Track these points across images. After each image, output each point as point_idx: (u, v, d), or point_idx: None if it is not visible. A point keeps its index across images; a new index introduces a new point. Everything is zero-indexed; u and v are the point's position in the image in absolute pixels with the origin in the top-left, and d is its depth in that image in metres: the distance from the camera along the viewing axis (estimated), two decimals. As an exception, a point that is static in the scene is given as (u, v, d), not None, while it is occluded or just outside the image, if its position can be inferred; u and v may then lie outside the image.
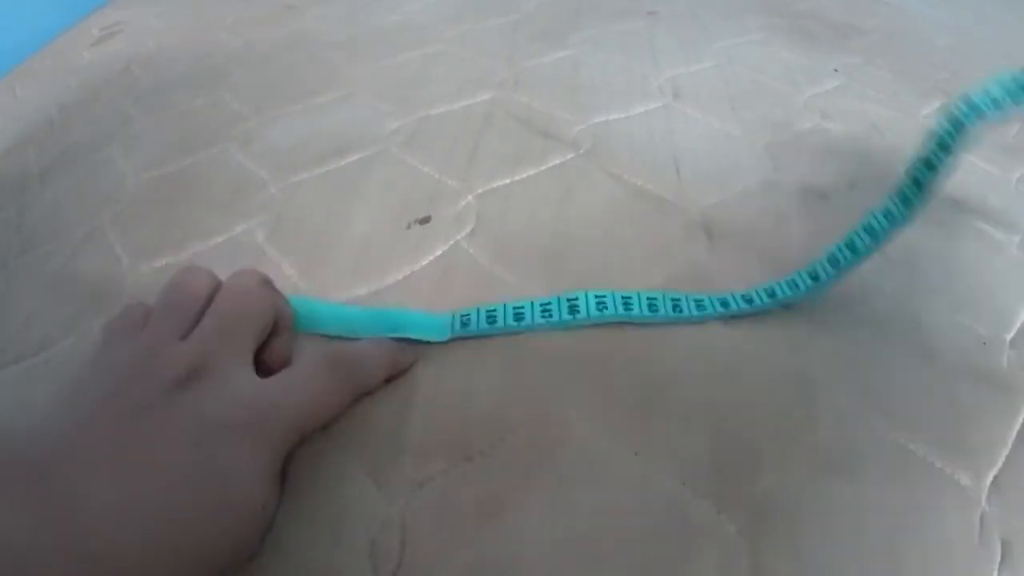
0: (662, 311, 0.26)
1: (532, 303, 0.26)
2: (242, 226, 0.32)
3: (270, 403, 0.20)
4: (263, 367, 0.21)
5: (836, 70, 0.46)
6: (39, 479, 0.16)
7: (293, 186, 0.34)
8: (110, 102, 0.44)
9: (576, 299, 0.26)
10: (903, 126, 0.40)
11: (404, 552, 0.19)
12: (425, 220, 0.31)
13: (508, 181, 0.33)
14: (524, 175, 0.34)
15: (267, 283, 0.23)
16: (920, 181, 0.23)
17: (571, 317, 0.25)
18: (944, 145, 0.23)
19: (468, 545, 0.19)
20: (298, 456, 0.21)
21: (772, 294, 0.26)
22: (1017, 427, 0.23)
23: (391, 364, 0.24)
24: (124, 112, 0.43)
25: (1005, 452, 0.22)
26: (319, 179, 0.34)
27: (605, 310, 0.26)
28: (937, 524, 0.20)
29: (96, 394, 0.19)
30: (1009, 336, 0.26)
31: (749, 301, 0.26)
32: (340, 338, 0.25)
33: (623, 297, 0.26)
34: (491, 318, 0.25)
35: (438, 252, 0.29)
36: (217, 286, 0.23)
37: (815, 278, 0.25)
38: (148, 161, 0.38)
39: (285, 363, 0.23)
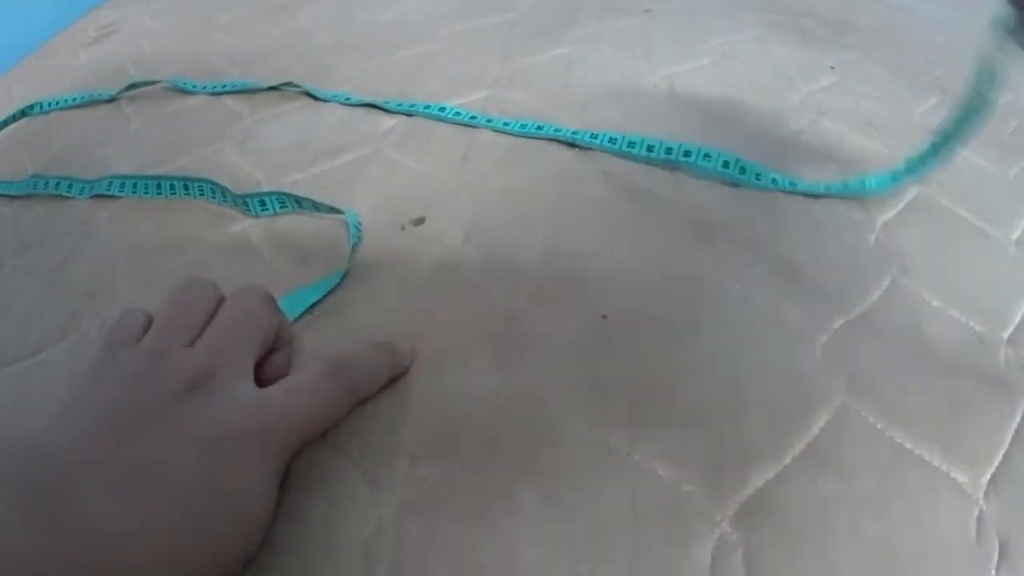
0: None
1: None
2: (237, 226, 0.32)
3: (273, 412, 0.20)
4: (262, 382, 0.22)
5: (832, 67, 0.46)
6: (46, 490, 0.16)
7: (288, 186, 0.34)
8: (106, 102, 0.44)
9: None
10: (899, 123, 0.40)
11: (398, 554, 0.19)
12: (420, 221, 0.31)
13: (503, 180, 0.33)
14: (519, 174, 0.34)
15: (270, 299, 0.23)
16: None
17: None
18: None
19: (462, 546, 0.19)
20: (293, 457, 0.21)
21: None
22: (1014, 425, 0.23)
23: (390, 368, 0.24)
24: (120, 112, 0.43)
25: (1003, 450, 0.22)
26: (314, 179, 0.34)
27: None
28: (934, 523, 0.20)
29: (101, 402, 0.19)
30: (1006, 334, 0.26)
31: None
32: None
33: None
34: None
35: (433, 254, 0.29)
36: (220, 299, 0.23)
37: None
38: (144, 161, 0.38)
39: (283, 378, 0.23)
